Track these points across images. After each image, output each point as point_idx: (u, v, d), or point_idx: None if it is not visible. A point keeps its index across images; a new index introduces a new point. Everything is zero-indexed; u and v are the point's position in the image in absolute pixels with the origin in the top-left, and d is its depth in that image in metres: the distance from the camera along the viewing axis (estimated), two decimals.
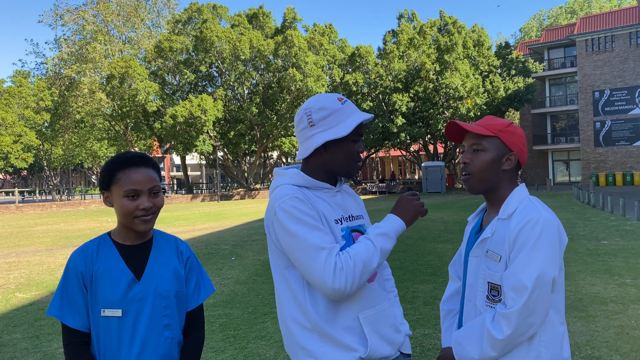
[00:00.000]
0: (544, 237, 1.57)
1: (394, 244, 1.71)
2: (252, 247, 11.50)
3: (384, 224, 1.72)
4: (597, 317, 5.26)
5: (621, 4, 63.61)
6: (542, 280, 1.54)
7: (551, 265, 1.56)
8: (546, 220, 1.58)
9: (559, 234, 1.61)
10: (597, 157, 39.82)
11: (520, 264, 1.56)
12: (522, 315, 1.54)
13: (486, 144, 1.73)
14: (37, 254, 11.67)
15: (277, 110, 38.23)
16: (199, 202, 38.51)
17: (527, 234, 1.57)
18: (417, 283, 7.17)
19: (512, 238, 1.60)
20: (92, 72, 41.50)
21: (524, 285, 1.54)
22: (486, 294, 1.68)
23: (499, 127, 1.73)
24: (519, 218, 1.62)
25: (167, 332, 1.73)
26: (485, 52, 40.64)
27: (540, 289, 1.54)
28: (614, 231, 12.06)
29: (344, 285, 1.58)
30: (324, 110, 1.74)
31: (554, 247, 1.58)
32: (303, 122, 1.77)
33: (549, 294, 1.56)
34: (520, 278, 1.55)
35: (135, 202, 1.69)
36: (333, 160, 1.76)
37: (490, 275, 1.66)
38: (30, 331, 5.46)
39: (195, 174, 75.32)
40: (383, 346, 1.72)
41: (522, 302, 1.53)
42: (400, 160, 61.92)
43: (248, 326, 5.36)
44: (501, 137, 1.72)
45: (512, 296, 1.56)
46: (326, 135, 1.73)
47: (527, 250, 1.56)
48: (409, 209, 1.76)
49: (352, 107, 1.77)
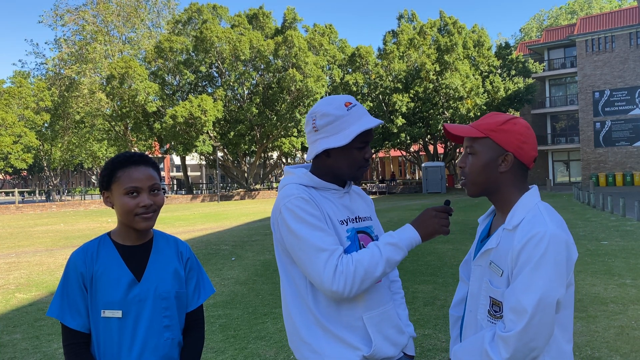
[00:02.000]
0: (549, 254, 1.42)
1: (404, 256, 1.65)
2: (252, 247, 11.49)
3: (397, 234, 1.66)
4: (597, 318, 5.26)
5: (621, 4, 63.63)
6: (545, 303, 1.41)
7: (555, 286, 1.42)
8: (552, 236, 1.43)
9: (567, 250, 1.45)
10: (597, 157, 39.82)
11: (522, 284, 1.43)
12: (522, 340, 1.42)
13: (477, 146, 1.60)
14: (37, 254, 11.67)
15: (277, 110, 38.23)
16: (199, 202, 38.51)
17: (530, 251, 1.43)
18: (416, 283, 7.16)
19: (515, 253, 1.47)
20: (92, 72, 41.53)
21: (524, 308, 1.41)
22: (488, 309, 1.58)
23: (491, 127, 1.58)
24: (523, 231, 1.47)
25: (167, 333, 1.73)
26: (486, 53, 40.67)
27: (543, 313, 1.41)
28: (614, 231, 12.06)
29: (342, 288, 1.57)
30: (327, 117, 1.73)
31: (559, 266, 1.43)
32: (309, 125, 1.78)
33: (551, 317, 1.43)
34: (520, 299, 1.42)
35: (135, 199, 1.69)
36: (337, 166, 1.76)
37: (492, 291, 1.55)
38: (30, 332, 5.46)
39: (195, 174, 75.32)
40: (386, 347, 1.72)
41: (521, 327, 1.41)
42: (400, 161, 61.91)
43: (248, 327, 5.36)
44: (492, 137, 1.58)
45: (511, 318, 1.44)
46: (327, 142, 1.72)
47: (530, 269, 1.42)
48: (429, 224, 1.67)
49: (358, 114, 1.73)
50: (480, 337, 1.54)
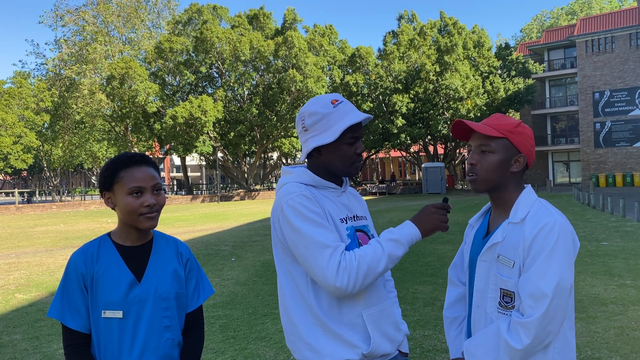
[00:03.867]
0: (560, 242, 1.52)
1: (405, 252, 1.67)
2: (252, 248, 11.50)
3: (397, 230, 1.68)
4: (597, 318, 5.26)
5: (622, 5, 63.64)
6: (562, 287, 1.49)
7: (568, 271, 1.51)
8: (562, 225, 1.54)
9: (572, 238, 1.57)
10: (597, 158, 39.82)
11: (538, 271, 1.51)
12: (542, 324, 1.49)
13: (495, 145, 1.66)
14: (37, 254, 11.67)
15: (277, 111, 38.24)
16: (198, 203, 38.51)
17: (543, 240, 1.52)
18: (417, 284, 7.16)
19: (527, 243, 1.55)
20: (92, 73, 41.53)
21: (544, 293, 1.49)
22: (498, 301, 1.63)
23: (509, 128, 1.66)
24: (532, 222, 1.57)
25: (167, 334, 1.73)
26: (486, 53, 40.67)
27: (560, 297, 1.49)
28: (614, 232, 12.06)
29: (346, 284, 1.59)
30: (315, 116, 1.75)
31: (569, 253, 1.53)
32: (299, 126, 1.81)
33: (566, 301, 1.52)
34: (539, 286, 1.50)
35: (139, 199, 1.69)
36: (330, 163, 1.78)
37: (503, 282, 1.61)
38: (30, 332, 5.46)
39: (195, 174, 75.33)
40: (385, 344, 1.73)
41: (542, 311, 1.49)
42: (400, 161, 61.93)
43: (248, 327, 5.36)
44: (510, 139, 1.65)
45: (530, 304, 1.51)
46: (316, 140, 1.74)
47: (545, 256, 1.51)
48: (429, 220, 1.70)
49: (345, 110, 1.75)
50: (495, 328, 1.59)
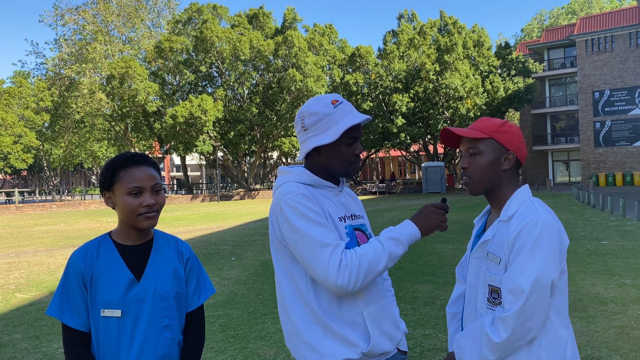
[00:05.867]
0: (542, 239, 1.54)
1: (405, 250, 1.68)
2: (252, 247, 11.50)
3: (397, 229, 1.69)
4: (597, 318, 5.26)
5: (621, 4, 63.63)
6: (540, 283, 1.51)
7: (550, 268, 1.53)
8: (545, 222, 1.56)
9: (559, 236, 1.58)
10: (597, 157, 39.83)
11: (518, 266, 1.54)
12: (520, 319, 1.52)
13: (482, 146, 1.71)
14: (37, 254, 11.67)
15: (277, 110, 38.23)
16: (198, 202, 38.50)
17: (525, 237, 1.55)
18: (416, 283, 7.17)
19: (511, 240, 1.58)
20: (92, 72, 41.51)
21: (521, 288, 1.51)
22: (487, 296, 1.67)
23: (493, 128, 1.71)
24: (518, 220, 1.60)
25: (166, 333, 1.73)
26: (485, 53, 40.66)
27: (538, 293, 1.51)
28: (613, 231, 12.06)
29: (347, 282, 1.59)
30: (315, 116, 1.75)
31: (553, 250, 1.54)
32: (298, 125, 1.81)
33: (547, 298, 1.53)
34: (517, 281, 1.53)
35: (138, 199, 1.70)
36: (328, 163, 1.78)
37: (491, 278, 1.65)
38: (30, 331, 5.46)
39: (195, 174, 75.31)
40: (384, 342, 1.74)
41: (519, 306, 1.51)
42: (400, 161, 61.93)
43: (248, 326, 5.36)
44: (496, 138, 1.70)
45: (509, 299, 1.54)
46: (316, 140, 1.75)
47: (525, 253, 1.54)
48: (428, 220, 1.72)
49: (345, 111, 1.76)
50: (480, 323, 1.64)
